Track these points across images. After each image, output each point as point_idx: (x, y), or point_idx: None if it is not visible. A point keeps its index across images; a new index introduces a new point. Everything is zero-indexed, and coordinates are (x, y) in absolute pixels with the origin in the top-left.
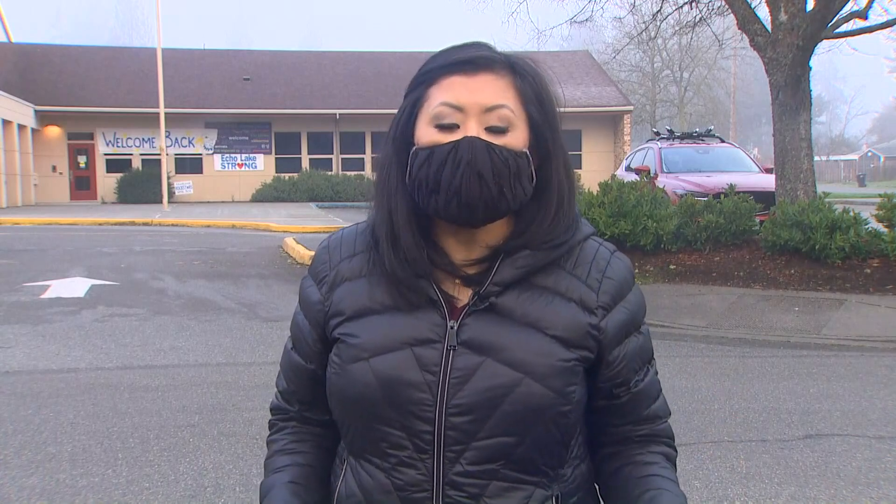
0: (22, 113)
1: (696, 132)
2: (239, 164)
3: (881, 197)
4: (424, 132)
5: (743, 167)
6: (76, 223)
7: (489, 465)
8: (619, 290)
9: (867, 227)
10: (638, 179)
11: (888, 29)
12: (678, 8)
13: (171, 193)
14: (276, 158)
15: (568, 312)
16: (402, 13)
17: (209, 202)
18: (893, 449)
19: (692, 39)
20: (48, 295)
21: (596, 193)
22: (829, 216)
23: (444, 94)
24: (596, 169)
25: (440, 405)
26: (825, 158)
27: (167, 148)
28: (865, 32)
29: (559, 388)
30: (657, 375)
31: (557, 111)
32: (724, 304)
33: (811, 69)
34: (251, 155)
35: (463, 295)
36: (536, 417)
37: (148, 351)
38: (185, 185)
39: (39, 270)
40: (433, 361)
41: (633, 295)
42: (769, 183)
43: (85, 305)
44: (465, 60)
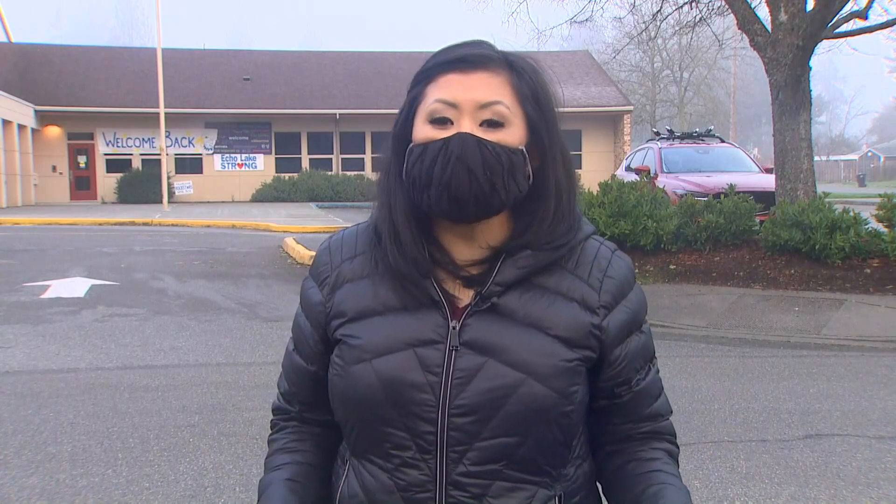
0: (22, 113)
1: (696, 132)
2: (239, 164)
3: (881, 197)
4: (420, 129)
5: (743, 167)
6: (76, 223)
7: (492, 465)
8: (620, 289)
9: (867, 227)
10: (638, 179)
11: (888, 29)
12: (678, 8)
13: (171, 193)
14: (276, 158)
15: (570, 312)
16: (402, 13)
17: (209, 202)
18: (893, 449)
19: (692, 39)
20: (48, 295)
21: (596, 193)
22: (829, 216)
23: (439, 91)
24: (596, 169)
25: (443, 406)
26: (825, 158)
27: (167, 148)
28: (865, 32)
29: (562, 388)
30: (658, 374)
31: (556, 110)
32: (724, 304)
33: (811, 69)
34: (251, 155)
35: (465, 295)
36: (539, 418)
37: (148, 351)
38: (185, 185)
39: (39, 270)
40: (435, 362)
41: (634, 294)
42: (769, 183)
43: (85, 305)
44: (460, 58)
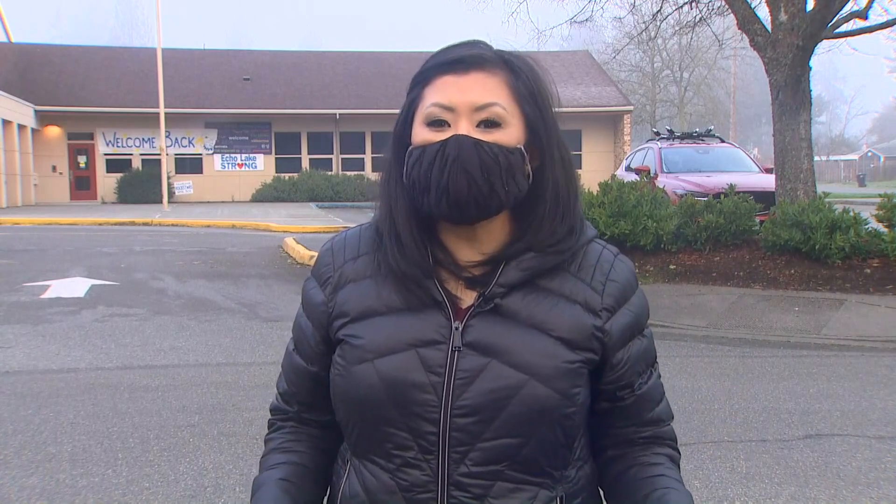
0: (22, 113)
1: (696, 132)
2: (239, 164)
3: (881, 197)
4: (418, 132)
5: (743, 167)
6: (76, 223)
7: (494, 465)
8: (623, 292)
9: (867, 227)
10: (638, 179)
11: (888, 29)
12: (678, 8)
13: (171, 193)
14: (276, 158)
15: (572, 314)
16: (402, 13)
17: (209, 202)
18: (893, 449)
19: (692, 39)
20: (48, 295)
21: (596, 193)
22: (829, 216)
23: (435, 94)
24: (596, 169)
25: (445, 406)
26: (825, 158)
27: (167, 148)
28: (865, 32)
29: (564, 389)
30: (660, 379)
31: (554, 109)
32: (724, 304)
33: (811, 69)
34: (251, 155)
35: (467, 296)
36: (541, 419)
37: (148, 351)
38: (185, 185)
39: (39, 270)
40: (438, 363)
41: (636, 298)
42: (769, 183)
43: (85, 305)
44: (456, 59)
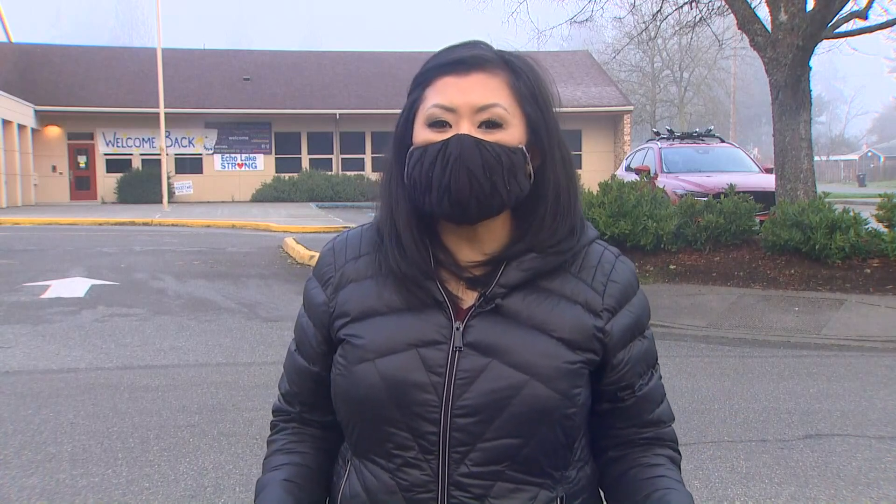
0: (22, 113)
1: (696, 132)
2: (239, 164)
3: (881, 197)
4: (420, 133)
5: (743, 167)
6: (76, 223)
7: (494, 466)
8: (624, 293)
9: (867, 227)
10: (638, 179)
11: (888, 29)
12: (678, 8)
13: (171, 193)
14: (276, 158)
15: (573, 315)
16: (402, 13)
17: (209, 202)
18: (893, 449)
19: (692, 39)
20: (48, 295)
21: (596, 193)
22: (829, 216)
23: (437, 95)
24: (596, 169)
25: (446, 406)
26: (825, 158)
27: (167, 148)
28: (865, 32)
29: (565, 390)
30: (661, 380)
31: (555, 109)
32: (724, 304)
33: (811, 69)
34: (251, 155)
35: (468, 296)
36: (542, 419)
37: (148, 351)
38: (185, 185)
39: (39, 270)
40: (439, 363)
41: (637, 299)
42: (769, 183)
43: (85, 305)
44: (457, 60)
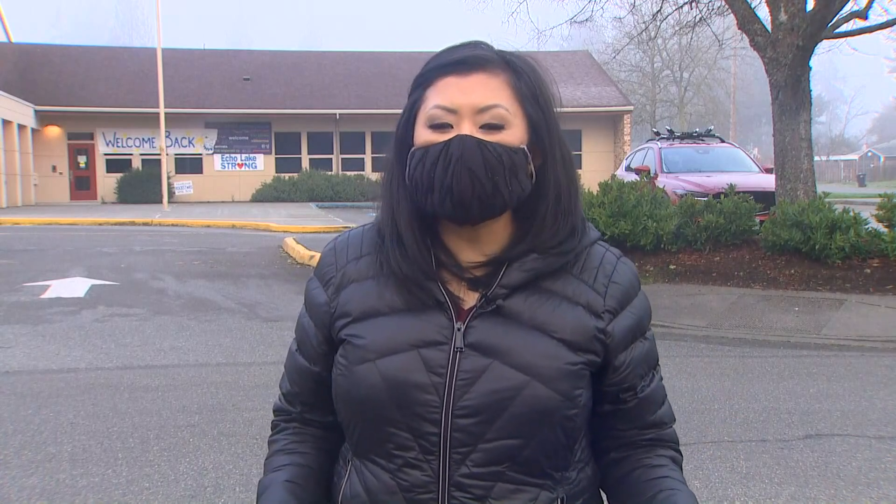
0: (22, 113)
1: (696, 132)
2: (239, 164)
3: (881, 197)
4: (421, 134)
5: (743, 167)
6: (76, 223)
7: (495, 466)
8: (625, 294)
9: (867, 227)
10: (638, 179)
11: (888, 29)
12: (678, 8)
13: (171, 193)
14: (276, 158)
15: (575, 316)
16: (402, 13)
17: (209, 202)
18: (893, 449)
19: (692, 39)
20: (48, 295)
21: (596, 193)
22: (829, 216)
23: (438, 96)
24: (596, 169)
25: (447, 407)
26: (825, 158)
27: (167, 148)
28: (865, 32)
29: (566, 391)
30: (662, 382)
31: (556, 109)
32: (724, 304)
33: (811, 69)
34: (251, 155)
35: (470, 297)
36: (543, 420)
37: (148, 351)
38: (185, 185)
39: (39, 270)
40: (440, 363)
41: (639, 300)
42: (769, 183)
43: (85, 305)
44: (458, 60)
